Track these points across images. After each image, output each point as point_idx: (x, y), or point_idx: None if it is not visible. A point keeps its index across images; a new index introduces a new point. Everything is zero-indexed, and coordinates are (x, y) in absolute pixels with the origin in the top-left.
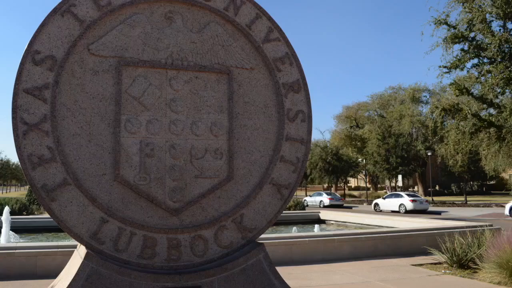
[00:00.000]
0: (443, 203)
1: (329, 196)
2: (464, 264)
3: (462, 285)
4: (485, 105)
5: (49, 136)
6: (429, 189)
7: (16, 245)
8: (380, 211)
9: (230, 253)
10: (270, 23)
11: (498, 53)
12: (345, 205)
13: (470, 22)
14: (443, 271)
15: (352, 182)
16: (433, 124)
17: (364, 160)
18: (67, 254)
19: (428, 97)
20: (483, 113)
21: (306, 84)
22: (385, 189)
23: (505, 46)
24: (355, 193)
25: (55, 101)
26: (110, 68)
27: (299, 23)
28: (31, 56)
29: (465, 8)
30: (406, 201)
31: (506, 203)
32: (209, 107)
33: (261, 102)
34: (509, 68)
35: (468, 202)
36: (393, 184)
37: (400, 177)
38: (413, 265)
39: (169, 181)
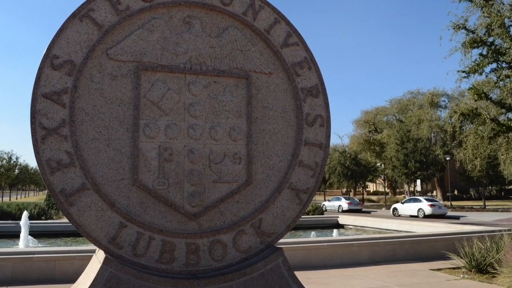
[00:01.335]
0: (462, 208)
1: (348, 201)
2: (482, 268)
3: None
4: (503, 110)
5: (68, 140)
6: (448, 194)
7: (34, 250)
8: (399, 216)
9: (248, 257)
10: (288, 28)
11: None
12: (363, 209)
13: (488, 26)
14: (461, 275)
15: (371, 187)
16: (451, 129)
17: (382, 165)
18: (86, 259)
19: (446, 101)
20: (501, 118)
21: (325, 88)
22: (403, 193)
23: None
24: (374, 197)
25: (73, 105)
26: (129, 73)
27: (317, 28)
28: (49, 61)
29: (483, 12)
30: (425, 205)
31: None
32: (228, 112)
33: (279, 106)
34: None
35: (486, 207)
36: (411, 189)
37: (418, 181)
38: (431, 269)
39: (188, 185)
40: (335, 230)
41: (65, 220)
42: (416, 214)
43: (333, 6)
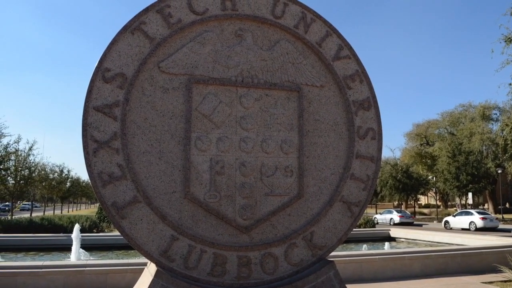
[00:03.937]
0: None
1: (399, 214)
2: None
3: None
4: None
5: (119, 153)
6: (500, 207)
7: (86, 263)
8: (450, 229)
9: (300, 270)
10: (340, 41)
11: None
12: (415, 222)
13: None
14: None
15: (422, 200)
16: (503, 142)
17: (434, 178)
18: (137, 272)
19: (498, 114)
20: None
21: (376, 101)
22: (455, 206)
23: None
24: (425, 210)
25: (125, 118)
26: (180, 86)
27: (367, 40)
28: (101, 74)
29: None
30: (476, 218)
31: None
32: (279, 125)
33: (331, 119)
34: None
35: None
36: (463, 202)
37: (470, 194)
38: (483, 282)
39: (239, 198)
40: (386, 243)
41: (116, 233)
42: (467, 227)
43: (384, 19)
